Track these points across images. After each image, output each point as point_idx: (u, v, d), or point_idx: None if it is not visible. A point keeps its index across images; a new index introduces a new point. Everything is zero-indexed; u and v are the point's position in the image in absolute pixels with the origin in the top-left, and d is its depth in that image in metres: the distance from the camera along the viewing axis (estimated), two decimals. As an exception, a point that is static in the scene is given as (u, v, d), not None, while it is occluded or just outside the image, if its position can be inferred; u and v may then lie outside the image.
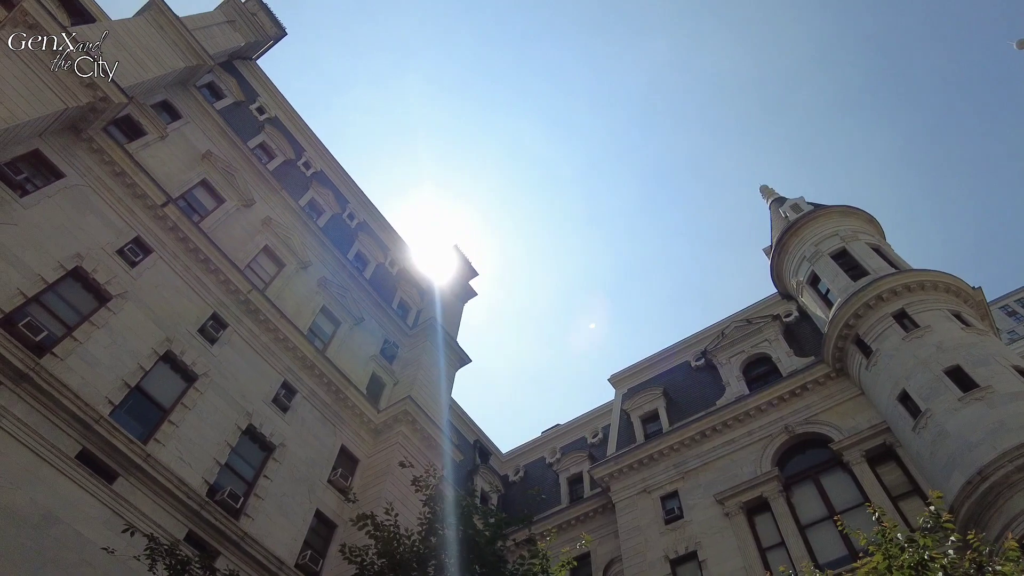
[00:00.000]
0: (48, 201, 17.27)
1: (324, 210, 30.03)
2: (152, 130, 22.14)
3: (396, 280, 32.18)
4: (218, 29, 27.62)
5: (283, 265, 24.71)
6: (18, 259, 15.64)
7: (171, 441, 16.34)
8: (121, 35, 21.49)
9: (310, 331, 23.86)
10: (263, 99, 30.82)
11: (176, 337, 18.34)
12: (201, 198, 23.04)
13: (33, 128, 17.22)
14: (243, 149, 26.00)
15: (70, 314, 16.25)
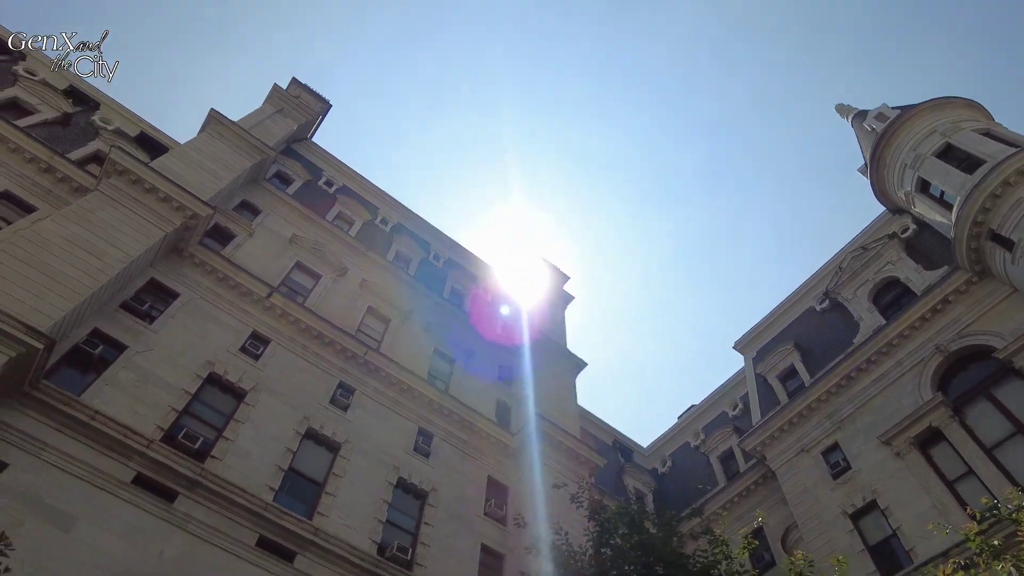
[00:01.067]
0: (172, 321, 18.76)
1: (411, 258, 30.93)
2: (240, 231, 23.66)
3: (494, 305, 32.57)
4: (270, 121, 29.24)
5: (388, 320, 25.60)
6: (161, 379, 17.05)
7: (332, 511, 17.16)
8: (192, 155, 23.20)
9: (429, 375, 24.51)
10: (328, 172, 32.28)
11: (312, 413, 19.34)
12: (299, 279, 24.32)
13: (145, 260, 18.83)
14: (324, 224, 27.32)
15: (216, 416, 17.50)
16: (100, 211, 18.40)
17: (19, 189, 19.42)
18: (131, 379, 16.45)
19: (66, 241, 16.91)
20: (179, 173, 21.57)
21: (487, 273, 34.80)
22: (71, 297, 15.74)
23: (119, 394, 15.90)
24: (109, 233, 17.95)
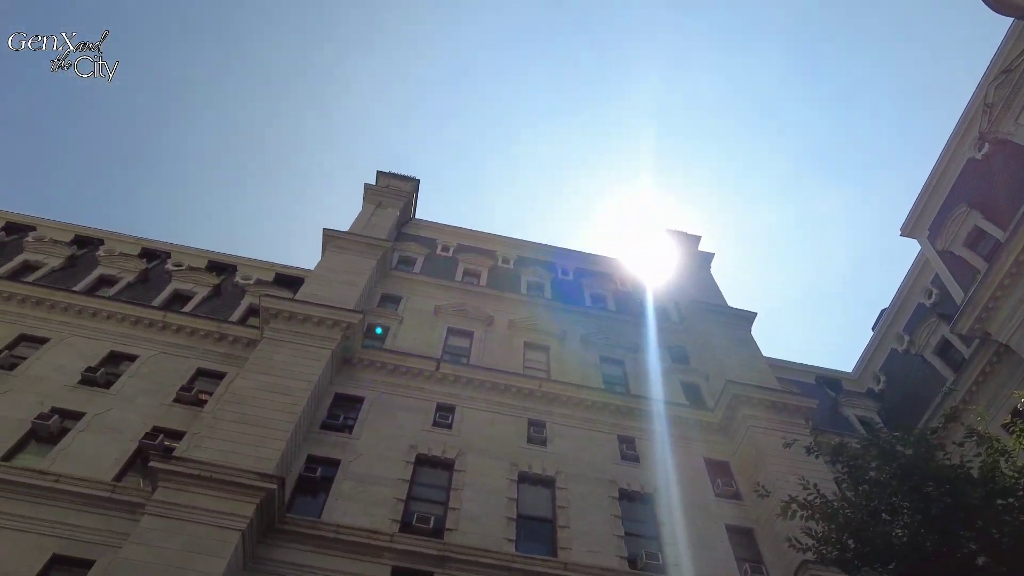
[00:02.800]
0: (367, 423, 20.27)
1: (542, 283, 31.43)
2: (390, 322, 25.28)
3: (637, 293, 32.18)
4: (376, 217, 31.20)
5: (547, 347, 26.08)
6: (378, 477, 18.37)
7: (573, 542, 17.47)
8: (325, 275, 25.26)
9: (605, 383, 24.56)
10: (440, 239, 33.80)
11: (517, 458, 19.97)
12: (456, 343, 25.49)
13: (325, 380, 20.59)
14: (456, 286, 28.65)
15: (437, 492, 18.56)
16: (274, 354, 20.43)
17: (207, 363, 22.09)
18: (354, 487, 17.89)
19: (258, 391, 18.91)
20: (322, 295, 23.53)
21: (618, 266, 34.57)
22: (281, 436, 17.51)
23: (350, 503, 17.33)
24: (288, 370, 19.86)
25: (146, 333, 22.74)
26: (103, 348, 21.83)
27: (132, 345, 22.22)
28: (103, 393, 19.94)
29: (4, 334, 21.69)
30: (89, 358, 21.23)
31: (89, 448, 17.86)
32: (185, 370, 21.53)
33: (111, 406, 19.43)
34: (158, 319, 22.97)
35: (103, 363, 21.29)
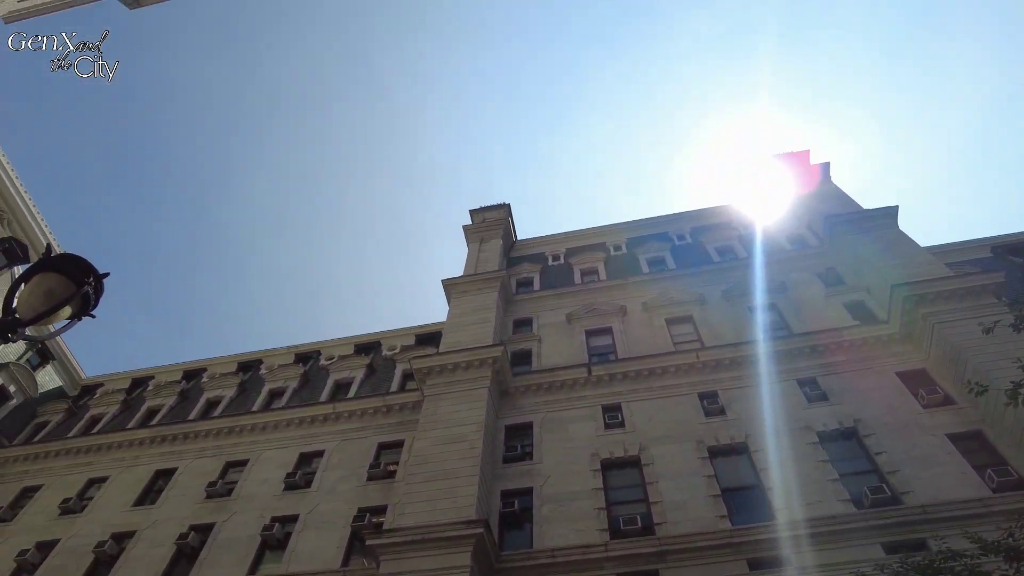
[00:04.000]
0: (545, 445, 20.52)
1: (661, 256, 30.67)
2: (530, 344, 25.64)
3: (764, 232, 30.52)
4: (483, 253, 31.96)
5: (690, 317, 25.31)
6: (573, 493, 18.46)
7: (788, 500, 16.58)
8: (458, 321, 26.16)
9: (765, 332, 23.37)
10: (547, 250, 33.99)
11: (700, 435, 19.40)
12: (599, 342, 25.34)
13: (491, 418, 21.16)
14: (579, 288, 28.56)
15: (634, 491, 18.37)
16: (439, 409, 21.32)
17: (384, 436, 23.46)
18: (553, 509, 18.12)
19: (436, 446, 19.77)
20: (461, 340, 24.34)
21: (734, 212, 33.10)
22: (470, 482, 18.14)
23: (555, 526, 17.56)
24: (456, 418, 20.63)
25: (324, 428, 24.52)
26: (293, 453, 23.77)
27: (316, 442, 24.04)
28: (307, 492, 21.66)
29: (213, 467, 24.23)
30: (285, 465, 23.19)
31: (312, 544, 19.43)
32: (367, 449, 22.96)
33: (317, 502, 21.05)
34: (330, 412, 24.73)
35: (298, 466, 23.17)
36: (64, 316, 4.13)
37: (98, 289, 4.20)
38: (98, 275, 4.20)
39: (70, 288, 4.02)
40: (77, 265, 4.09)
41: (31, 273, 4.07)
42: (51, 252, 4.13)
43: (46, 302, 3.95)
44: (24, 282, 4.04)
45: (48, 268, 4.06)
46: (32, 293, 4.02)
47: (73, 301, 4.03)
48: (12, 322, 3.90)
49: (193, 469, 24.46)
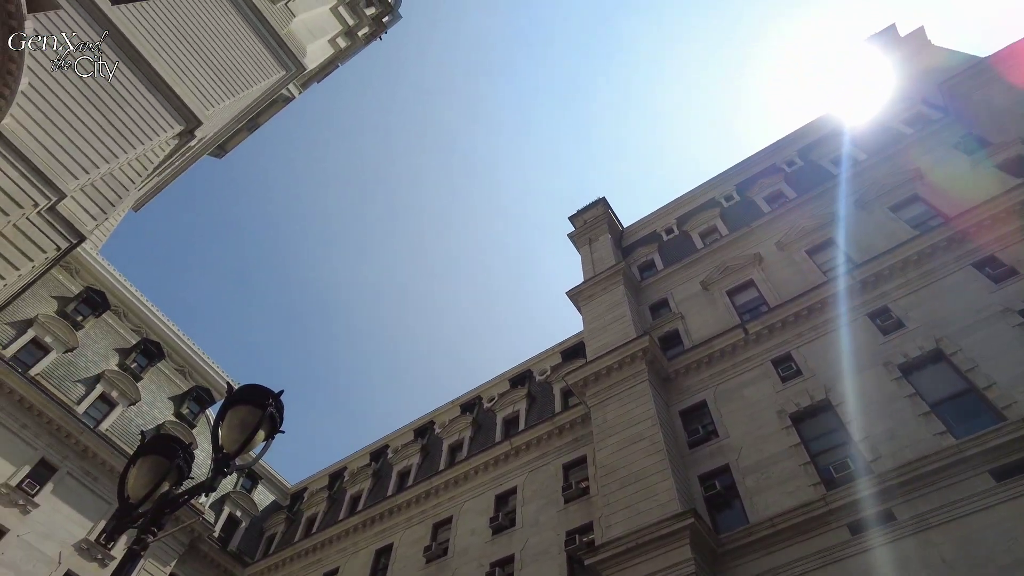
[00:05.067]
0: (726, 419, 19.83)
1: (776, 188, 28.97)
2: (673, 322, 25.03)
3: (878, 125, 28.08)
4: (595, 253, 31.81)
5: (830, 240, 23.70)
6: (772, 457, 17.66)
7: (1012, 393, 14.93)
8: (597, 324, 26.05)
9: (915, 228, 21.40)
10: (659, 226, 33.19)
11: (887, 356, 17.99)
12: (744, 298, 24.27)
13: (662, 406, 20.77)
14: (703, 255, 27.56)
15: (835, 435, 17.29)
16: (607, 415, 21.25)
17: (565, 457, 23.70)
18: (758, 478, 17.39)
19: (618, 452, 19.66)
20: (605, 343, 24.24)
21: (834, 119, 30.76)
22: (664, 476, 17.85)
23: (765, 495, 16.83)
24: (628, 419, 20.47)
25: (508, 466, 25.16)
26: (489, 498, 24.55)
27: (506, 481, 24.70)
28: (514, 531, 22.23)
29: (423, 532, 25.53)
30: (486, 511, 23.98)
31: (536, 575, 19.87)
32: (554, 474, 23.26)
33: (526, 537, 21.54)
34: (508, 450, 25.36)
35: (497, 509, 23.87)
36: (260, 440, 4.65)
37: (279, 407, 4.70)
38: (275, 395, 4.70)
39: (257, 414, 4.54)
40: (256, 392, 4.61)
41: (223, 412, 4.64)
42: (231, 389, 4.69)
43: (243, 432, 4.48)
44: (220, 421, 4.60)
45: (235, 403, 4.60)
46: (229, 428, 4.57)
47: (263, 425, 4.54)
48: (223, 458, 4.44)
49: (407, 540, 25.89)
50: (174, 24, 25.09)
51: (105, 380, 29.26)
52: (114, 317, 32.24)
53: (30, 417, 25.41)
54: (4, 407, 24.84)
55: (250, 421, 4.56)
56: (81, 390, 28.21)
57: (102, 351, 30.65)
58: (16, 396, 25.18)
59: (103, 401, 29.01)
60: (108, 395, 29.16)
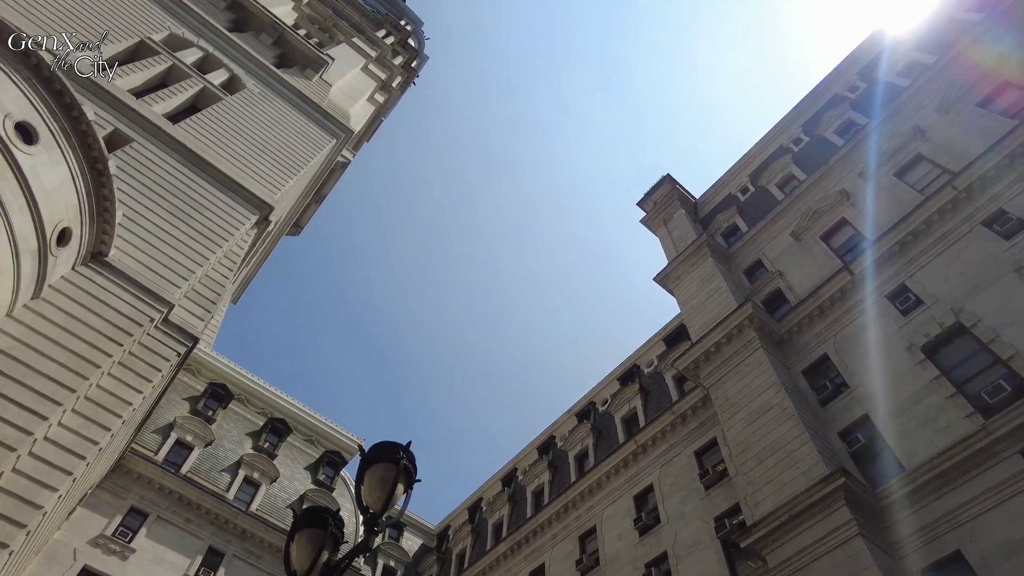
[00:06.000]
0: (853, 368, 18.89)
1: (846, 118, 27.48)
2: (773, 282, 24.09)
3: (942, 17, 26.17)
4: (674, 233, 31.19)
5: (917, 156, 22.20)
6: (913, 395, 16.62)
7: None
8: (694, 302, 25.46)
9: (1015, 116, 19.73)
10: (733, 187, 32.23)
11: (1017, 260, 16.58)
12: (842, 238, 23.14)
13: (782, 371, 19.95)
14: (786, 204, 26.46)
15: (979, 359, 16.08)
16: (728, 392, 20.67)
17: (695, 443, 23.10)
18: (903, 422, 16.42)
19: (748, 427, 19.04)
20: (707, 319, 23.73)
21: (889, 33, 28.91)
22: (803, 440, 17.14)
23: (915, 438, 15.87)
24: (749, 391, 19.85)
25: (638, 464, 24.78)
26: (627, 500, 24.24)
27: (640, 480, 24.33)
28: (661, 528, 21.83)
29: (571, 547, 25.48)
30: (628, 514, 23.69)
31: (694, 572, 19.40)
32: (687, 463, 22.73)
33: (675, 531, 21.10)
34: (634, 448, 25.01)
35: (638, 509, 23.53)
36: (401, 492, 4.86)
37: (411, 458, 4.90)
38: (405, 448, 4.92)
39: (392, 470, 4.75)
40: (388, 449, 4.83)
41: (361, 474, 4.89)
42: (363, 450, 4.94)
43: (383, 490, 4.71)
44: (361, 484, 4.86)
45: (370, 463, 4.84)
46: (370, 488, 4.81)
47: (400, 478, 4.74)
48: (372, 518, 4.66)
49: (557, 557, 25.92)
50: (228, 125, 26.80)
51: (245, 464, 31.15)
52: (239, 404, 34.37)
53: (191, 511, 27.37)
54: (168, 506, 26.90)
55: (388, 478, 4.77)
56: (227, 478, 30.15)
57: (236, 438, 32.69)
58: (176, 495, 27.22)
59: (248, 483, 30.87)
60: (251, 477, 31.01)
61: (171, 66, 27.77)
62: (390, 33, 48.71)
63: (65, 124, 15.49)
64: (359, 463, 5.06)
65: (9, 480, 13.65)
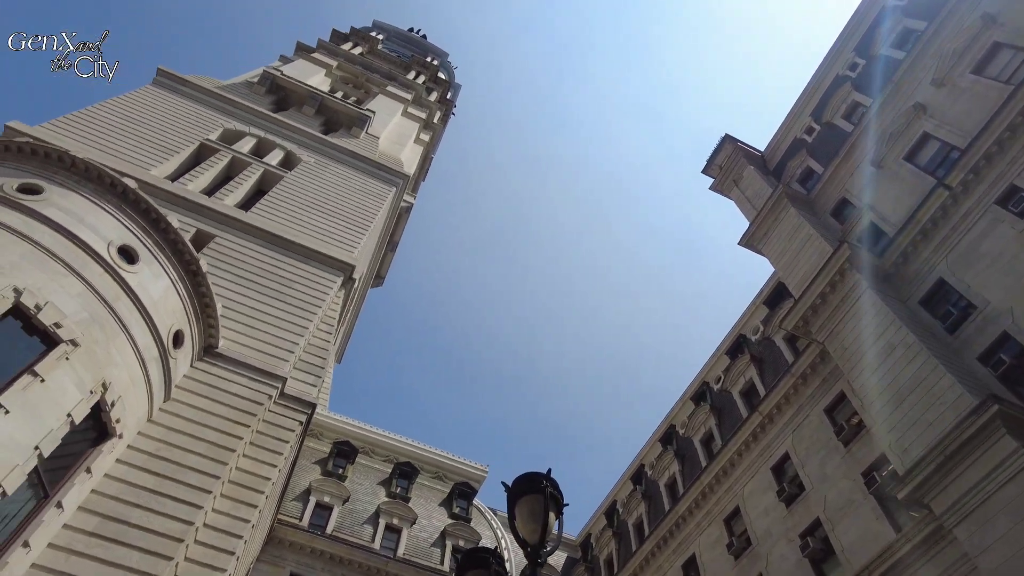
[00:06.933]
0: (975, 284, 17.62)
1: (901, 27, 25.87)
2: (864, 216, 22.89)
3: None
4: (747, 192, 30.19)
5: (992, 44, 20.59)
6: None
7: None
8: (784, 258, 24.56)
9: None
10: (795, 133, 30.88)
11: None
12: (927, 154, 21.42)
13: (895, 307, 18.83)
14: (859, 132, 25.12)
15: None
16: (843, 342, 19.74)
17: (822, 402, 22.09)
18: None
19: (875, 373, 18.07)
20: (804, 273, 22.79)
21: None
22: (938, 374, 16.10)
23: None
24: (866, 337, 18.88)
25: (768, 436, 23.88)
26: (765, 474, 23.41)
27: (774, 452, 23.45)
28: (807, 495, 20.90)
29: (718, 532, 24.83)
30: (768, 487, 22.87)
31: (852, 533, 18.49)
32: (818, 423, 21.76)
33: (822, 495, 20.19)
34: (760, 420, 24.12)
35: (778, 480, 22.69)
36: (553, 520, 4.93)
37: (555, 484, 4.99)
38: (547, 476, 5.00)
39: (539, 500, 4.85)
40: (531, 480, 4.93)
41: (511, 510, 5.01)
42: (505, 485, 5.06)
43: (536, 521, 4.80)
44: (513, 520, 4.98)
45: (516, 497, 4.95)
46: (523, 522, 4.92)
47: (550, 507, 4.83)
48: (532, 551, 4.77)
49: (705, 545, 25.31)
50: (295, 200, 28.22)
51: (383, 512, 32.25)
52: (365, 457, 35.71)
53: (344, 567, 28.58)
54: (322, 567, 28.22)
55: (537, 508, 4.86)
56: (369, 529, 31.30)
57: (370, 489, 33.94)
58: (327, 555, 28.53)
59: (390, 530, 31.93)
60: (391, 523, 32.06)
61: (231, 159, 29.56)
62: (420, 73, 49.97)
63: (157, 238, 16.76)
64: (507, 500, 5.18)
65: (184, 569, 14.72)
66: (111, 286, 15.11)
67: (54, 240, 14.63)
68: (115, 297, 15.11)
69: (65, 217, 15.18)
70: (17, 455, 11.93)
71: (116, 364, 14.72)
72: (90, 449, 14.41)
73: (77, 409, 13.46)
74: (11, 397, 12.12)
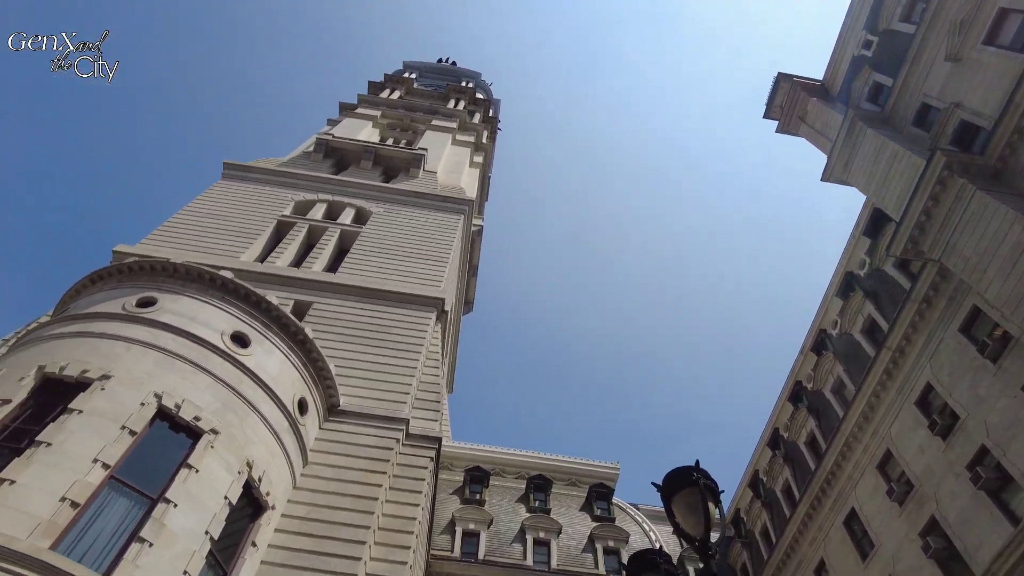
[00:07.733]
0: None
1: None
2: (952, 116, 21.28)
3: None
4: (817, 123, 28.82)
5: None
6: None
7: None
8: (875, 181, 23.01)
9: None
10: (850, 48, 29.19)
11: None
12: (1010, 29, 19.88)
13: (1016, 206, 17.39)
14: (913, 34, 23.44)
15: None
16: (965, 251, 18.35)
17: (953, 324, 20.59)
18: None
19: (1009, 278, 16.68)
20: (901, 189, 21.22)
21: None
22: None
23: None
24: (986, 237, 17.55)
25: (902, 369, 22.50)
26: (910, 410, 22.03)
27: (914, 383, 22.07)
28: (962, 423, 19.46)
29: (873, 481, 23.52)
30: (917, 424, 21.52)
31: None
32: (954, 345, 20.32)
33: (980, 419, 18.75)
34: (889, 356, 22.80)
35: (926, 414, 21.28)
36: (713, 509, 4.88)
37: (706, 474, 4.94)
38: (696, 468, 4.95)
39: (695, 492, 4.81)
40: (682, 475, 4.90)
41: (668, 509, 4.98)
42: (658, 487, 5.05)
43: (696, 514, 4.76)
44: (673, 518, 4.95)
45: (670, 495, 4.93)
46: (684, 517, 4.89)
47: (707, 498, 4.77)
48: (701, 544, 4.72)
49: (863, 496, 23.99)
50: (376, 251, 29.34)
51: (528, 528, 32.57)
52: (498, 478, 36.25)
53: (503, 589, 29.04)
54: (482, 594, 28.80)
55: (694, 502, 4.83)
56: (519, 547, 31.67)
57: (510, 508, 34.39)
58: (484, 580, 29.12)
59: (539, 544, 32.16)
60: (538, 538, 32.30)
61: (308, 228, 31.05)
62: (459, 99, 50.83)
63: (263, 319, 17.82)
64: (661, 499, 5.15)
65: (358, 617, 15.42)
66: (232, 372, 16.19)
67: (176, 343, 15.84)
68: (238, 381, 16.16)
69: (179, 319, 16.43)
70: (193, 542, 12.92)
71: (253, 442, 15.70)
72: (250, 524, 15.38)
73: (231, 490, 14.43)
74: (176, 491, 13.17)
